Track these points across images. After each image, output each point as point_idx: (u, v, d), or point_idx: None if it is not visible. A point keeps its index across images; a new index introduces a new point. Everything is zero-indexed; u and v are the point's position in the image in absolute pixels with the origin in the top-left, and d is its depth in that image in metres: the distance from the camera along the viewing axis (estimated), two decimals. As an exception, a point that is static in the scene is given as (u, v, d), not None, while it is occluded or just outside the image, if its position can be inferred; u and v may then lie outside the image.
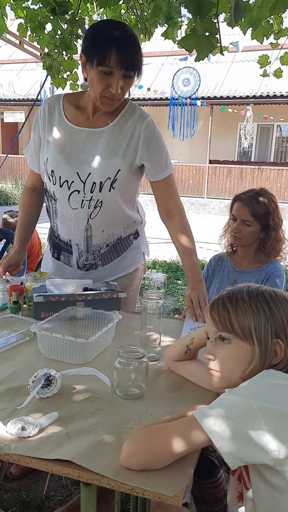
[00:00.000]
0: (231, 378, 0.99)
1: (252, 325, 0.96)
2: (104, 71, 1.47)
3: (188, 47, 1.93)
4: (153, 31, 3.55)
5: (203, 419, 0.86)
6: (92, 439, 0.96)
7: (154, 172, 1.69)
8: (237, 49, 5.17)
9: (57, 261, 1.83)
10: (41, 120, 1.70)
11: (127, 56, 1.46)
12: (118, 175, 1.62)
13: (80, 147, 1.63)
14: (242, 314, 0.98)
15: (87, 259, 1.75)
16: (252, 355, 0.96)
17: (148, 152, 1.65)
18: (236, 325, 0.98)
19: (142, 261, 1.91)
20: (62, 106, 1.68)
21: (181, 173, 14.73)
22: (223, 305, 1.01)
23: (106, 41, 1.46)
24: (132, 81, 1.56)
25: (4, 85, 11.09)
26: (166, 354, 1.31)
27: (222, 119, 14.09)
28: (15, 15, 3.22)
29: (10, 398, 1.11)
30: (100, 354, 1.38)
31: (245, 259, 2.06)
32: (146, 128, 1.63)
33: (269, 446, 0.81)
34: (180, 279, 5.44)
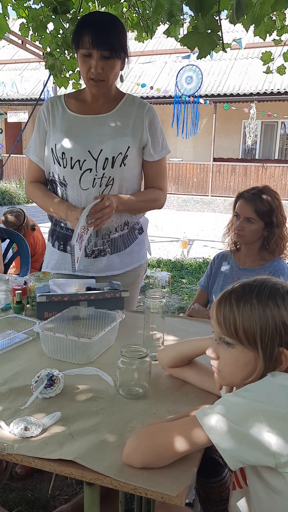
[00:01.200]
0: (232, 380, 0.99)
1: (258, 334, 0.91)
2: (83, 53, 1.58)
3: (190, 44, 1.93)
4: (155, 29, 3.54)
5: (204, 418, 0.86)
6: (95, 438, 0.96)
7: (153, 153, 1.77)
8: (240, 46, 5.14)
9: (64, 253, 1.81)
10: (44, 116, 1.77)
11: (101, 36, 1.54)
12: (128, 151, 1.69)
13: (87, 130, 1.70)
14: (249, 321, 0.92)
15: (96, 244, 1.75)
16: (256, 361, 0.93)
17: (151, 132, 1.75)
18: (241, 333, 0.93)
19: (145, 258, 1.94)
20: (64, 101, 1.77)
21: (185, 171, 14.70)
22: (230, 307, 0.95)
23: (82, 25, 1.59)
24: (114, 63, 1.61)
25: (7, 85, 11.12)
26: (161, 359, 1.27)
27: (226, 117, 14.04)
28: (17, 15, 3.21)
29: (13, 398, 1.11)
30: (103, 353, 1.38)
31: (249, 256, 2.05)
32: (148, 111, 1.74)
33: (271, 448, 0.80)
34: (184, 277, 5.43)
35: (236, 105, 12.90)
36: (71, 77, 3.31)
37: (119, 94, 1.77)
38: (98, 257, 1.77)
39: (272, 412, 0.82)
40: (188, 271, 5.68)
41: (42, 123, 1.78)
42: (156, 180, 1.84)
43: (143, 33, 3.59)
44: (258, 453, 0.81)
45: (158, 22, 3.40)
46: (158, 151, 1.78)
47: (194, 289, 4.95)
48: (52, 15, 2.86)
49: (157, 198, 1.84)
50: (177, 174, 14.77)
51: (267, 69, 3.66)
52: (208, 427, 0.85)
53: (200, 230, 8.20)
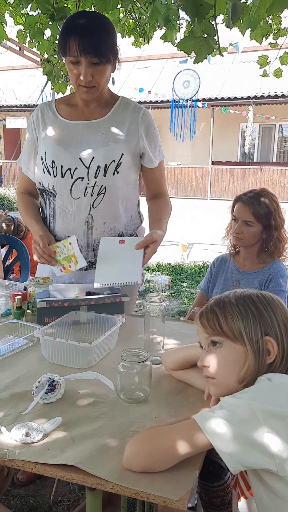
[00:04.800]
0: (227, 383, 0.99)
1: (242, 326, 0.98)
2: (71, 60, 1.52)
3: (187, 49, 1.94)
4: (152, 34, 3.57)
5: (204, 422, 0.86)
6: (97, 443, 0.96)
7: (153, 158, 1.75)
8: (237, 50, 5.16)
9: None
10: (34, 123, 1.73)
11: (88, 43, 1.47)
12: (122, 159, 1.64)
13: (79, 138, 1.65)
14: (231, 316, 0.99)
15: (87, 256, 1.71)
16: (245, 355, 0.97)
17: (147, 138, 1.71)
18: (226, 328, 0.99)
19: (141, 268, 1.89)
20: (55, 107, 1.72)
21: (183, 175, 14.74)
22: (211, 310, 1.03)
23: (67, 31, 1.51)
24: (105, 68, 1.55)
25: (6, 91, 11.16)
26: (165, 361, 1.29)
27: (223, 120, 14.09)
28: (14, 21, 3.24)
29: (14, 404, 1.11)
30: (104, 358, 1.37)
31: (248, 259, 2.05)
32: (143, 116, 1.70)
33: (271, 450, 0.80)
34: (184, 281, 5.43)
35: (233, 108, 12.95)
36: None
37: (112, 97, 1.72)
38: (89, 269, 1.72)
39: (269, 411, 0.83)
40: (188, 275, 5.68)
41: (32, 131, 1.74)
42: (159, 186, 1.83)
43: (140, 38, 3.61)
44: (258, 455, 0.81)
45: (154, 27, 3.42)
46: (156, 157, 1.76)
47: (194, 292, 4.95)
48: (49, 21, 2.88)
49: (170, 206, 1.84)
50: (175, 178, 14.81)
51: (264, 73, 3.67)
52: (208, 429, 0.85)
53: (199, 234, 8.20)
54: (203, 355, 1.04)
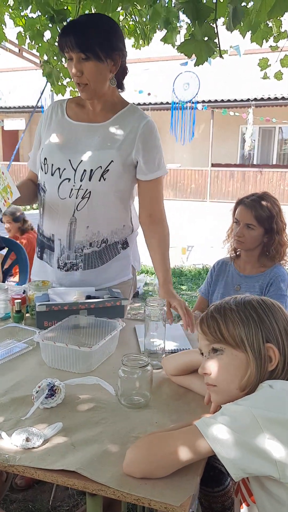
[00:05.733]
0: (229, 390, 0.98)
1: (243, 333, 0.97)
2: (67, 57, 1.56)
3: (187, 52, 1.93)
4: (152, 36, 3.57)
5: (206, 428, 0.86)
6: (97, 448, 0.95)
7: (146, 171, 1.67)
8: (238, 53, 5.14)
9: (40, 260, 1.81)
10: (44, 121, 1.77)
11: (79, 38, 1.50)
12: (110, 165, 1.61)
13: (77, 139, 1.66)
14: (232, 323, 0.98)
15: (69, 257, 1.70)
16: (247, 362, 0.96)
17: (144, 149, 1.64)
18: (227, 335, 0.98)
19: (130, 274, 1.83)
20: (65, 106, 1.74)
21: (183, 177, 14.75)
22: (212, 317, 1.02)
23: (65, 28, 1.56)
24: (94, 65, 1.53)
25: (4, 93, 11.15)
26: (165, 367, 1.28)
27: (223, 122, 14.11)
28: (14, 23, 3.23)
29: (14, 409, 1.10)
30: (104, 362, 1.37)
31: (249, 263, 2.04)
32: (145, 125, 1.65)
33: (273, 456, 0.80)
34: (184, 284, 5.42)
35: (233, 110, 12.96)
36: (68, 85, 3.33)
37: (121, 103, 1.70)
38: (70, 270, 1.71)
39: (271, 418, 0.82)
40: (187, 278, 5.67)
41: (40, 125, 1.78)
42: (151, 201, 1.72)
43: (140, 40, 3.62)
44: (260, 462, 0.81)
45: (155, 29, 3.42)
46: (152, 170, 1.67)
47: (193, 295, 4.94)
48: (49, 23, 2.87)
49: (167, 236, 1.76)
50: (175, 180, 14.82)
51: (264, 75, 3.68)
52: (209, 436, 0.85)
53: (198, 236, 8.20)
54: (204, 362, 1.03)
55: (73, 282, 1.72)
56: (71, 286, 1.72)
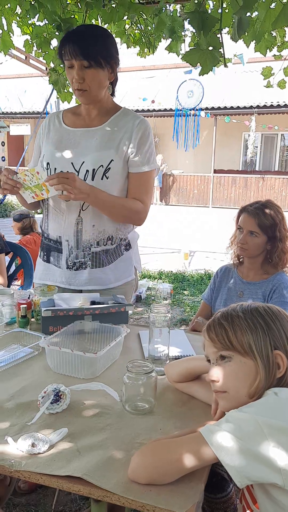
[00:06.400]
0: (237, 396, 0.98)
1: (251, 340, 0.97)
2: (67, 65, 1.63)
3: (192, 61, 1.96)
4: (157, 45, 3.60)
5: (210, 435, 0.87)
6: (102, 454, 0.96)
7: (136, 163, 1.72)
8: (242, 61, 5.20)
9: (47, 263, 1.84)
10: (42, 132, 1.85)
11: (79, 47, 1.58)
12: (111, 164, 1.68)
13: (76, 143, 1.73)
14: (240, 330, 0.99)
15: (77, 256, 1.75)
16: (256, 370, 0.96)
17: (138, 143, 1.71)
18: (235, 342, 0.99)
19: (133, 275, 1.88)
20: (61, 116, 1.83)
21: (186, 183, 14.79)
22: (220, 324, 1.02)
23: (64, 38, 1.64)
24: (95, 72, 1.62)
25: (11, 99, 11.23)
26: (168, 373, 1.28)
27: (226, 129, 14.16)
28: (21, 31, 3.28)
29: (20, 414, 1.11)
30: (109, 368, 1.38)
31: (252, 270, 2.05)
32: (139, 123, 1.73)
33: (277, 464, 0.81)
34: (186, 289, 5.43)
35: (236, 118, 13.01)
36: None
37: (115, 108, 1.79)
38: (79, 269, 1.76)
39: (275, 426, 0.83)
40: (190, 283, 5.68)
41: (39, 137, 1.86)
42: (138, 192, 1.75)
43: (145, 48, 3.65)
44: (264, 469, 0.82)
45: (160, 38, 3.45)
46: (142, 163, 1.72)
47: (196, 301, 4.94)
48: (56, 32, 2.91)
49: (138, 210, 1.75)
50: (177, 186, 14.85)
51: (268, 84, 3.70)
52: (214, 443, 0.85)
53: (201, 242, 8.22)
54: (211, 369, 1.03)
55: (81, 282, 1.76)
56: (79, 285, 1.77)
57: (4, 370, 1.34)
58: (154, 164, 1.78)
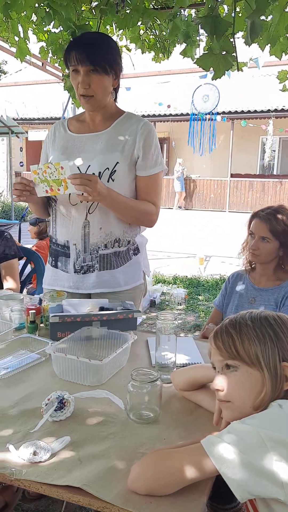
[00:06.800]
0: (242, 407, 0.96)
1: (259, 350, 0.94)
2: (72, 70, 1.66)
3: (205, 66, 1.95)
4: (172, 50, 3.60)
5: (211, 448, 0.85)
6: (104, 464, 0.95)
7: (144, 167, 1.75)
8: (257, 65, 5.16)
9: (55, 268, 1.85)
10: (48, 140, 1.88)
11: (86, 52, 1.60)
12: (116, 166, 1.69)
13: (81, 148, 1.76)
14: (248, 340, 0.96)
15: (85, 260, 1.76)
16: (262, 381, 0.94)
17: (144, 146, 1.73)
18: (242, 352, 0.95)
19: (141, 279, 1.90)
20: (67, 124, 1.85)
21: (202, 187, 14.73)
22: (227, 332, 0.99)
23: (69, 45, 1.67)
24: (101, 78, 1.65)
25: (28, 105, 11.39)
26: (174, 381, 1.27)
27: (243, 133, 14.07)
28: (37, 38, 3.32)
29: (23, 421, 1.11)
30: (116, 375, 1.37)
31: (264, 276, 2.02)
32: (143, 126, 1.75)
33: (280, 478, 0.78)
34: (201, 294, 5.39)
35: (253, 121, 12.92)
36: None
37: (118, 112, 1.81)
38: (87, 273, 1.77)
39: (278, 440, 0.80)
40: (205, 288, 5.64)
41: (45, 146, 1.88)
42: (148, 194, 1.78)
43: (159, 53, 3.66)
44: (266, 484, 0.79)
45: (174, 43, 3.45)
46: (150, 166, 1.75)
47: (210, 306, 4.90)
48: (71, 38, 2.93)
49: (149, 212, 1.78)
50: (194, 190, 14.81)
51: (284, 87, 3.66)
52: (215, 455, 0.83)
53: (217, 246, 8.16)
54: (216, 378, 1.01)
55: (89, 285, 1.77)
56: (87, 289, 1.77)
57: (10, 376, 1.34)
58: (162, 165, 1.80)
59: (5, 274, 2.42)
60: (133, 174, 1.76)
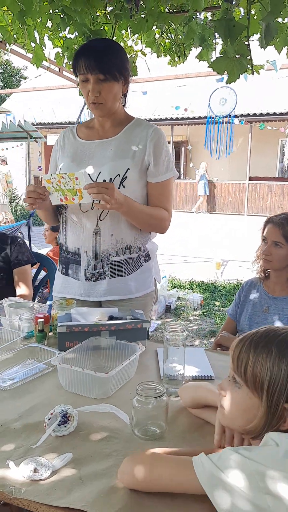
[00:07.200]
0: (232, 423, 0.95)
1: (267, 381, 0.87)
2: (81, 79, 1.65)
3: (219, 69, 1.92)
4: (188, 54, 3.57)
5: (200, 469, 0.83)
6: (105, 484, 0.92)
7: (156, 173, 1.73)
8: (275, 68, 5.08)
9: (65, 276, 1.83)
10: (58, 147, 1.87)
11: (95, 60, 1.59)
12: (127, 173, 1.68)
13: (91, 155, 1.75)
14: (261, 366, 0.87)
15: (96, 267, 1.74)
16: (257, 411, 0.88)
17: (154, 153, 1.72)
18: (250, 375, 0.89)
19: (153, 286, 1.87)
20: (76, 130, 1.84)
21: (220, 191, 14.62)
22: (247, 348, 0.91)
23: (77, 53, 1.66)
24: (111, 85, 1.64)
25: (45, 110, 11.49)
26: (181, 397, 1.23)
27: (262, 136, 13.93)
28: (53, 44, 3.33)
29: (26, 436, 1.08)
30: (123, 387, 1.33)
31: (278, 284, 1.97)
32: (153, 132, 1.73)
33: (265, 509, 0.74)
34: (217, 300, 5.32)
35: (272, 124, 12.77)
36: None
37: (127, 118, 1.80)
38: (98, 280, 1.75)
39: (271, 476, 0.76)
40: (221, 293, 5.57)
41: (54, 152, 1.88)
42: (160, 200, 1.77)
43: (175, 57, 3.63)
44: None
45: (190, 46, 3.42)
46: (161, 172, 1.74)
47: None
48: (86, 44, 2.93)
49: (164, 218, 1.78)
50: (212, 193, 14.71)
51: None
52: (202, 479, 0.82)
53: (234, 251, 8.06)
54: (224, 381, 0.98)
55: (100, 292, 1.75)
56: (98, 296, 1.76)
57: (16, 387, 1.32)
58: (173, 171, 1.79)
59: (18, 280, 2.41)
60: (144, 180, 1.74)
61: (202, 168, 14.17)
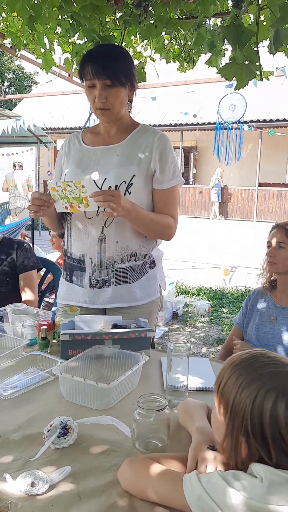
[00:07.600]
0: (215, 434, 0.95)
1: (230, 403, 0.84)
2: (88, 85, 1.63)
3: (228, 75, 1.91)
4: (197, 60, 3.56)
5: (189, 489, 0.82)
6: (104, 502, 0.89)
7: (162, 180, 1.72)
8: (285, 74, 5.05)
9: (70, 283, 1.82)
10: (63, 153, 1.85)
11: (101, 66, 1.58)
12: (133, 179, 1.67)
13: (96, 161, 1.73)
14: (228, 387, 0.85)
15: (100, 274, 1.72)
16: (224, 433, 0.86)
17: (160, 160, 1.70)
18: (221, 391, 0.87)
19: (158, 293, 1.86)
20: (81, 136, 1.83)
21: (229, 197, 14.56)
22: (230, 364, 0.89)
23: (83, 59, 1.65)
24: (118, 91, 1.63)
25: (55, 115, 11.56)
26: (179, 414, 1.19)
27: (272, 142, 13.87)
28: (62, 50, 3.34)
29: (25, 447, 1.06)
30: (125, 398, 1.31)
31: (286, 293, 1.93)
32: (159, 138, 1.72)
33: None
34: (225, 306, 5.27)
35: (281, 130, 12.71)
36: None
37: (133, 124, 1.79)
38: (102, 287, 1.73)
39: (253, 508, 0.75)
40: (229, 300, 5.51)
41: (59, 158, 1.87)
42: (166, 207, 1.75)
43: (184, 63, 3.62)
44: None
45: (199, 52, 3.41)
46: (167, 179, 1.72)
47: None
48: (96, 49, 2.93)
49: (170, 225, 1.76)
50: (222, 199, 14.65)
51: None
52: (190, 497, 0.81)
53: (243, 257, 8.00)
54: None
55: (105, 300, 1.74)
56: (103, 303, 1.74)
57: (17, 396, 1.30)
58: (179, 178, 1.77)
59: (24, 286, 2.40)
60: (150, 187, 1.73)
61: (217, 174, 14.07)
